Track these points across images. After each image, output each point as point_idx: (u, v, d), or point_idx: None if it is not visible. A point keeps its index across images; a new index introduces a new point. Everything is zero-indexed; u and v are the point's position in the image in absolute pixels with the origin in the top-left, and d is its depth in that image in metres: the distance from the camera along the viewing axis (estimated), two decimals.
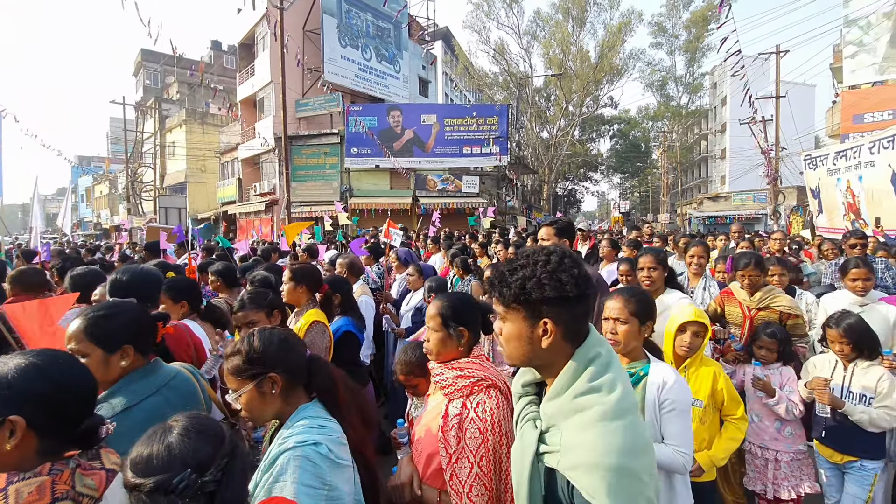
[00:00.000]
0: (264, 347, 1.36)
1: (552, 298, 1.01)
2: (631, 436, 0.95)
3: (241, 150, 23.61)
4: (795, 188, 21.26)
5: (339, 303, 2.98)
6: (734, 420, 2.28)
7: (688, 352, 2.29)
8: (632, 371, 1.82)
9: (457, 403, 1.55)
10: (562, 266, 1.03)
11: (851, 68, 16.71)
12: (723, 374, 2.30)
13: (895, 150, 7.80)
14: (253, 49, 23.49)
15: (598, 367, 1.02)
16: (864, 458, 2.47)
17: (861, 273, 3.08)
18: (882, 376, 2.45)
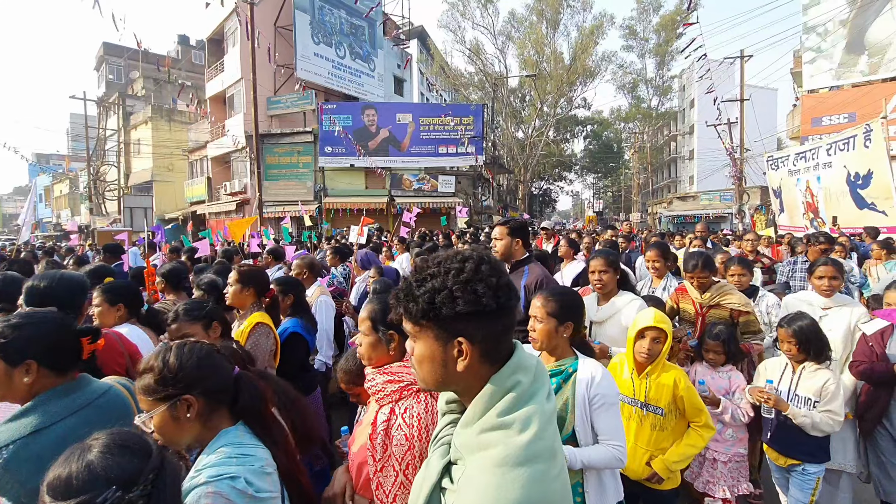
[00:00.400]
0: (181, 366, 1.22)
1: (466, 314, 0.87)
2: (533, 490, 0.79)
3: (211, 149, 22.96)
4: (759, 188, 22.05)
5: (290, 304, 2.90)
6: (697, 427, 2.24)
7: (647, 358, 2.24)
8: (560, 368, 1.85)
9: (385, 410, 1.49)
10: (478, 275, 0.88)
11: (810, 73, 17.44)
12: (684, 381, 2.25)
13: (850, 151, 8.16)
14: (222, 44, 22.86)
15: (516, 397, 0.87)
16: (806, 462, 2.47)
17: (828, 271, 2.99)
18: (828, 380, 2.44)
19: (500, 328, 0.90)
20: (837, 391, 2.42)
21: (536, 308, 1.91)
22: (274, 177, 20.05)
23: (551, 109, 32.79)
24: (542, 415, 0.87)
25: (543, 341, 1.88)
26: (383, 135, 20.51)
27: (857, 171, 8.01)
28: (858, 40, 16.22)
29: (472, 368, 0.90)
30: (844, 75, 16.68)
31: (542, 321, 1.87)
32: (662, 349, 2.23)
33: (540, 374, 0.95)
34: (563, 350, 1.90)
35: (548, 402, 0.92)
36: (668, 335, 2.23)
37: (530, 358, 0.96)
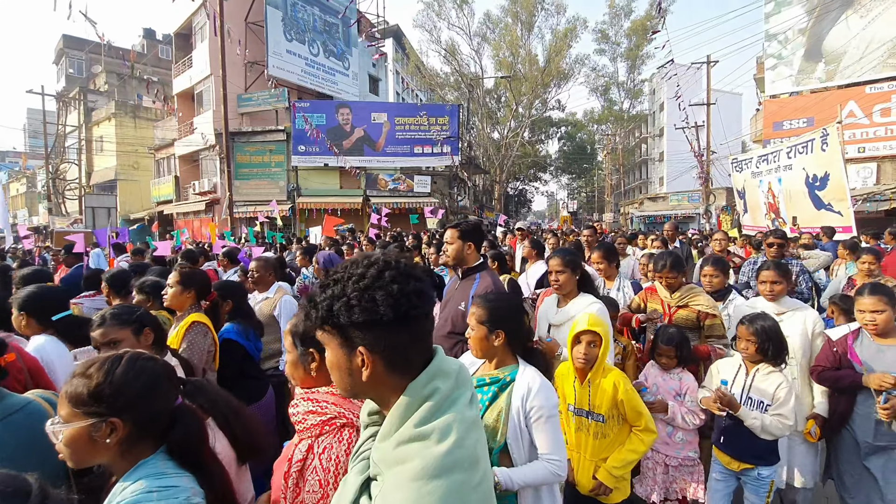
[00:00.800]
0: (125, 384, 1.09)
1: (363, 322, 0.83)
2: (451, 502, 0.75)
3: (179, 147, 22.26)
4: (725, 189, 22.82)
5: (228, 309, 2.77)
6: (638, 432, 2.16)
7: (584, 363, 2.17)
8: (498, 377, 1.78)
9: (303, 446, 1.33)
10: (378, 282, 0.84)
11: (772, 79, 18.15)
12: (623, 384, 2.17)
13: (809, 154, 8.50)
14: (190, 39, 22.19)
15: (434, 405, 0.83)
16: (759, 466, 2.44)
17: (769, 276, 2.91)
18: (781, 384, 2.41)
19: (406, 338, 0.86)
20: (789, 395, 2.39)
21: (469, 315, 1.87)
22: (245, 176, 19.58)
23: (526, 110, 33.11)
24: (462, 422, 0.83)
25: (476, 349, 1.83)
26: (358, 134, 20.30)
27: (814, 174, 8.36)
28: (816, 48, 16.98)
29: (379, 378, 0.87)
30: (803, 81, 17.43)
31: (473, 329, 1.83)
32: (599, 353, 2.16)
33: (462, 379, 0.91)
34: (501, 358, 1.83)
35: (470, 408, 0.88)
36: (605, 339, 2.15)
37: (451, 363, 0.91)
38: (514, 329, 1.82)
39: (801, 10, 17.18)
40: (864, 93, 15.69)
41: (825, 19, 16.68)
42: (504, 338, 1.78)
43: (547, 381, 1.76)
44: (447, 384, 0.86)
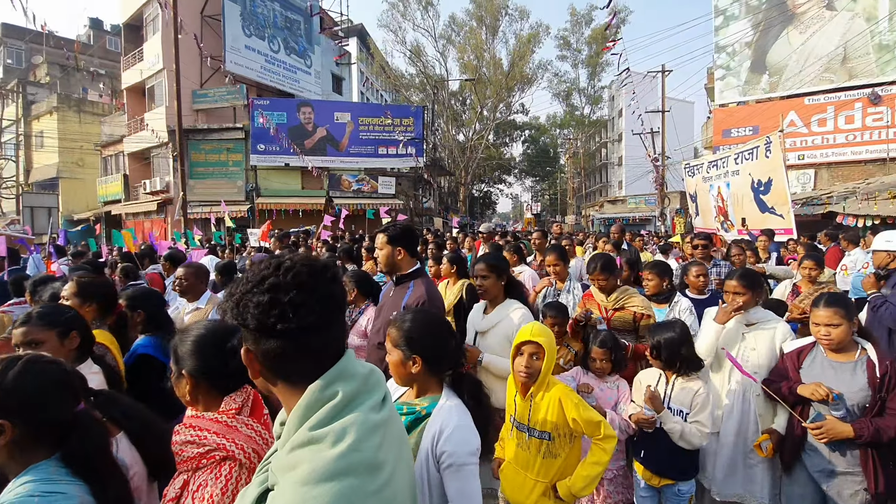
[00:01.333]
0: (16, 387, 1.03)
1: (241, 325, 0.83)
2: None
3: (128, 143, 21.12)
4: (679, 193, 23.82)
5: (140, 320, 2.51)
6: (598, 441, 1.99)
7: (527, 377, 2.01)
8: (414, 408, 1.54)
9: (178, 482, 1.20)
10: (256, 288, 0.81)
11: (721, 89, 19.10)
12: (571, 398, 2.01)
13: (754, 161, 8.97)
14: (141, 31, 21.13)
15: (332, 407, 0.79)
16: (679, 481, 2.36)
17: (731, 286, 2.75)
18: (698, 391, 2.32)
19: (278, 349, 0.81)
20: (707, 402, 2.31)
21: (386, 336, 1.66)
22: (200, 175, 18.80)
23: (491, 113, 33.48)
24: (362, 425, 0.80)
25: (394, 375, 1.61)
26: (320, 134, 19.89)
27: (759, 179, 8.82)
28: (760, 61, 18.00)
29: (269, 380, 0.85)
30: (749, 92, 18.43)
31: (389, 352, 1.61)
32: (543, 365, 1.99)
33: (373, 383, 0.88)
34: (422, 385, 1.59)
35: (378, 411, 0.85)
36: (548, 350, 1.98)
37: (358, 366, 0.88)
38: (434, 353, 1.58)
39: (748, 25, 18.18)
40: (803, 104, 16.75)
41: (769, 34, 17.71)
42: (421, 364, 1.54)
43: (467, 420, 1.50)
44: (350, 387, 0.83)
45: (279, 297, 0.80)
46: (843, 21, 16.26)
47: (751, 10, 18.11)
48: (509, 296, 2.71)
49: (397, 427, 0.92)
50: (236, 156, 19.10)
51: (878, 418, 2.06)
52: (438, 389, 1.58)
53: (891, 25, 15.33)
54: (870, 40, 15.72)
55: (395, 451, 0.85)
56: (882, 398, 2.08)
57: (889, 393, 2.07)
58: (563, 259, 3.71)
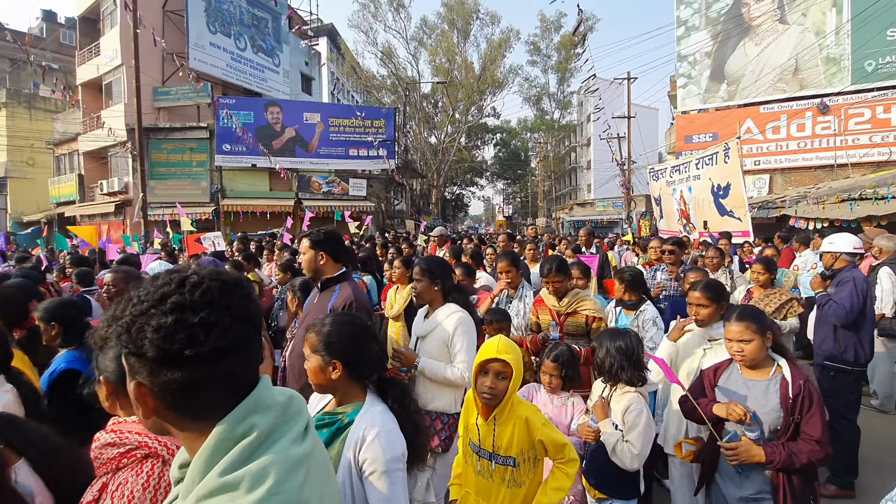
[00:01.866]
0: None
1: (132, 354, 0.70)
2: None
3: (83, 142, 20.14)
4: (644, 196, 24.54)
5: (56, 334, 2.31)
6: (561, 465, 1.84)
7: (490, 399, 1.80)
8: (335, 418, 1.47)
9: (96, 486, 1.13)
10: (155, 309, 0.69)
11: (683, 97, 19.82)
12: (537, 419, 1.85)
13: (714, 166, 9.33)
14: (97, 24, 20.22)
15: (248, 446, 0.69)
16: (614, 499, 2.23)
17: (694, 297, 2.62)
18: (630, 406, 2.15)
19: (184, 379, 0.69)
20: (638, 419, 2.12)
21: (304, 342, 1.58)
22: (161, 176, 18.10)
23: (462, 116, 33.63)
24: (282, 463, 0.70)
25: (313, 382, 1.52)
26: (289, 134, 19.49)
27: (719, 183, 9.18)
28: (719, 70, 18.77)
29: (167, 419, 0.72)
30: (709, 100, 19.19)
31: (307, 358, 1.52)
32: (509, 386, 1.80)
33: (293, 411, 0.78)
34: (344, 392, 1.51)
35: (299, 444, 0.76)
36: (516, 369, 1.80)
37: (277, 394, 0.78)
38: (355, 358, 1.51)
39: (707, 36, 18.93)
40: (759, 112, 17.56)
41: (727, 45, 18.50)
42: (342, 369, 1.47)
43: (392, 425, 1.44)
44: (267, 420, 0.72)
45: (187, 317, 0.69)
46: (794, 34, 17.16)
47: (710, 21, 18.87)
48: (451, 300, 2.61)
49: (321, 457, 0.84)
50: (200, 156, 18.49)
51: (792, 443, 1.90)
52: (362, 396, 1.51)
53: (837, 40, 16.28)
54: (818, 53, 16.65)
55: (319, 486, 0.78)
56: (795, 421, 1.92)
57: (803, 415, 1.91)
58: (515, 265, 3.62)
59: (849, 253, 3.70)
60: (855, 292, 3.45)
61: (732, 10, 18.26)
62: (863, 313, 3.47)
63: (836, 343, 3.51)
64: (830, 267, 3.79)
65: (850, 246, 3.71)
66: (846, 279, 3.54)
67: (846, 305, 3.42)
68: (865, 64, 15.68)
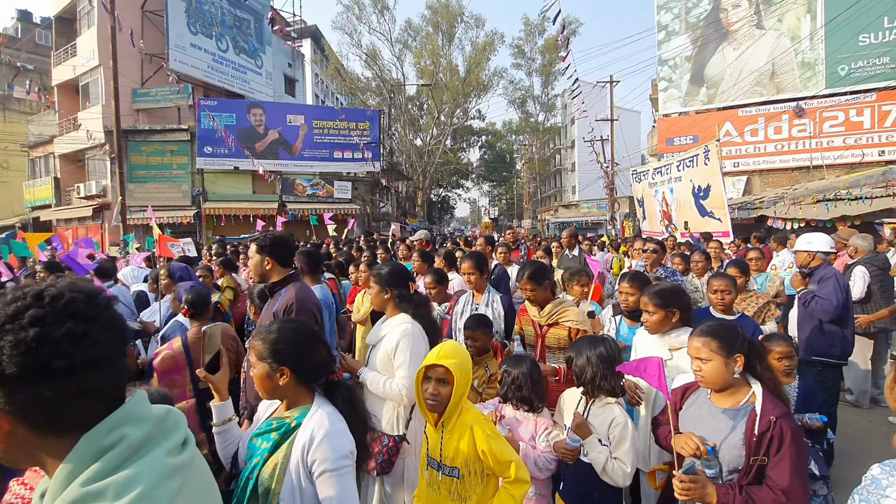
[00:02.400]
0: None
1: None
2: None
3: (59, 144, 19.66)
4: (628, 198, 24.86)
5: None
6: (507, 485, 1.73)
7: (434, 405, 1.76)
8: (283, 422, 1.46)
9: None
10: (11, 324, 0.66)
11: (664, 100, 20.15)
12: (485, 429, 1.75)
13: (695, 168, 9.48)
14: (74, 24, 19.79)
15: (115, 458, 0.66)
16: None
17: (643, 302, 2.47)
18: (615, 419, 2.01)
19: (51, 396, 0.66)
20: (625, 433, 1.98)
21: (249, 348, 1.56)
22: (141, 178, 17.75)
23: (448, 119, 33.67)
24: (154, 469, 0.67)
25: (260, 389, 1.51)
26: (272, 136, 19.28)
27: (699, 185, 9.33)
28: (699, 74, 19.14)
29: (26, 442, 0.68)
30: (689, 103, 19.54)
31: (253, 365, 1.51)
32: (453, 392, 1.74)
33: (170, 426, 0.75)
34: (292, 398, 1.51)
35: (175, 455, 0.72)
36: (458, 374, 1.73)
37: (153, 408, 0.76)
38: (303, 363, 1.50)
39: (687, 40, 19.29)
40: (737, 115, 17.93)
41: (706, 49, 18.87)
42: (290, 375, 1.47)
43: (340, 425, 1.44)
44: (140, 431, 0.70)
45: (50, 330, 0.66)
46: (770, 39, 17.58)
47: (690, 26, 19.23)
48: (403, 310, 2.46)
49: (202, 473, 0.79)
50: (181, 158, 18.18)
51: (754, 487, 1.63)
52: (310, 399, 1.51)
53: (811, 45, 16.72)
54: (794, 58, 17.08)
55: (198, 498, 0.74)
56: (759, 462, 1.64)
57: (770, 457, 1.63)
58: (480, 268, 3.37)
59: (824, 252, 3.80)
60: (838, 287, 3.54)
61: (711, 15, 18.64)
62: (846, 307, 3.56)
63: (824, 338, 3.59)
64: (807, 265, 3.88)
65: (826, 245, 3.81)
66: (828, 275, 3.63)
67: (832, 300, 3.51)
68: (839, 68, 16.14)
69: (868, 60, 15.67)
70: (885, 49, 15.29)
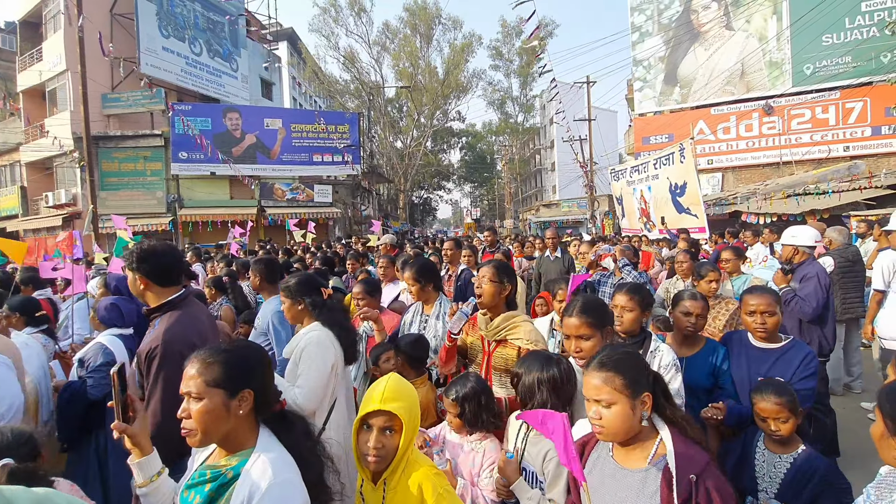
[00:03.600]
0: None
1: None
2: None
3: (25, 152, 18.99)
4: (607, 196, 25.24)
5: None
6: None
7: (377, 460, 1.41)
8: (218, 472, 1.22)
9: None
10: None
11: (639, 100, 20.55)
12: (436, 485, 1.43)
13: (671, 166, 9.67)
14: (40, 29, 19.15)
15: None
16: None
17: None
18: (549, 452, 1.69)
19: None
20: (560, 469, 1.63)
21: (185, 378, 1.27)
22: (113, 186, 17.28)
23: (428, 121, 33.69)
24: None
25: (204, 431, 1.22)
26: (249, 141, 18.99)
27: (676, 182, 9.52)
28: (672, 74, 19.59)
29: None
30: (664, 102, 19.98)
31: (196, 399, 1.22)
32: (400, 443, 1.42)
33: None
34: (238, 437, 1.25)
35: None
36: (407, 420, 1.42)
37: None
38: (266, 382, 1.30)
39: (660, 41, 19.72)
40: (710, 114, 18.40)
41: (679, 49, 19.32)
42: (252, 401, 1.26)
43: (287, 474, 1.20)
44: None
45: None
46: (739, 40, 18.10)
47: (662, 27, 19.67)
48: (316, 317, 2.25)
49: None
50: (155, 164, 17.76)
51: None
52: (254, 439, 1.26)
53: (778, 45, 17.27)
54: (762, 58, 17.62)
55: None
56: None
57: None
58: (423, 276, 2.98)
59: (809, 246, 3.74)
60: (819, 287, 3.48)
61: (682, 16, 19.10)
62: (826, 307, 3.52)
63: (803, 336, 3.51)
64: (790, 260, 3.81)
65: (811, 240, 3.75)
66: (810, 274, 3.56)
67: (812, 302, 3.46)
68: (804, 67, 16.71)
69: (831, 60, 16.27)
70: (847, 49, 15.90)
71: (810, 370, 2.15)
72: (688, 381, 2.16)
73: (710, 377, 2.34)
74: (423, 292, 2.98)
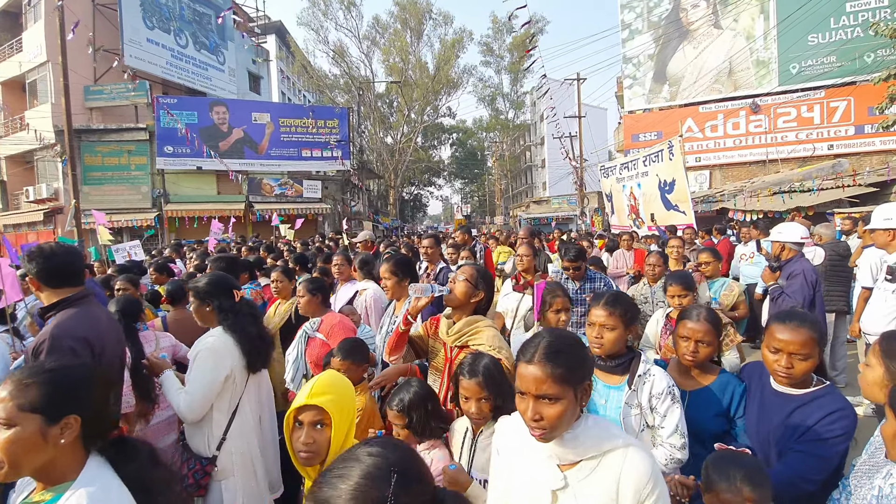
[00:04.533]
0: None
1: None
2: None
3: (4, 145, 18.52)
4: (597, 193, 25.36)
5: None
6: None
7: (309, 457, 1.35)
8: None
9: None
10: None
11: (629, 97, 20.65)
12: None
13: (660, 163, 9.74)
14: (20, 19, 18.67)
15: None
16: None
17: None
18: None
19: None
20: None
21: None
22: (96, 180, 16.93)
23: (418, 116, 33.53)
24: None
25: (16, 464, 1.07)
26: (237, 135, 18.72)
27: (665, 179, 9.59)
28: (661, 72, 19.70)
29: None
30: (653, 100, 20.10)
31: (7, 426, 1.07)
32: (332, 437, 1.36)
33: None
34: (62, 467, 1.10)
35: None
36: (337, 414, 1.36)
37: None
38: (95, 407, 1.14)
39: (650, 39, 19.81)
40: (698, 111, 18.56)
41: (668, 47, 19.43)
42: (79, 428, 1.10)
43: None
44: None
45: None
46: (727, 38, 18.25)
47: (652, 25, 19.76)
48: (220, 321, 2.19)
49: None
50: (139, 158, 17.43)
51: None
52: (79, 468, 1.10)
53: (765, 44, 17.45)
54: (749, 56, 17.80)
55: None
56: None
57: None
58: (398, 271, 2.87)
59: (796, 242, 3.76)
60: (805, 284, 3.50)
61: (672, 14, 19.19)
62: (813, 303, 3.54)
63: None
64: (777, 256, 3.82)
65: (797, 236, 3.77)
66: (796, 271, 3.58)
67: (798, 299, 3.48)
68: (790, 66, 16.91)
69: (817, 59, 16.48)
70: (832, 48, 16.12)
71: (833, 432, 1.51)
72: (691, 422, 1.75)
73: (721, 419, 1.86)
74: (399, 287, 2.86)
